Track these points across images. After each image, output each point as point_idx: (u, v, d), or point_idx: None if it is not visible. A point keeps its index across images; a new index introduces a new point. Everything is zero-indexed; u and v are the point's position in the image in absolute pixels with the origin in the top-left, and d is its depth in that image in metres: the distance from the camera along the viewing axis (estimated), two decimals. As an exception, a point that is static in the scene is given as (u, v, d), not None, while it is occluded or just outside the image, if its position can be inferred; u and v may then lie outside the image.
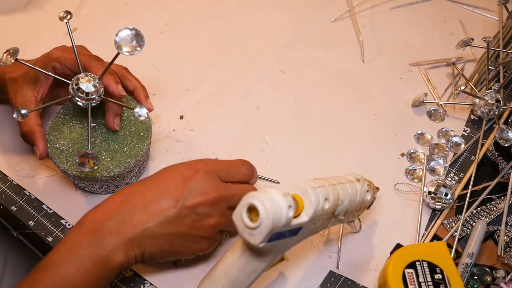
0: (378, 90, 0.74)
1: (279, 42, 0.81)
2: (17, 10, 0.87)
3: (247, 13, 0.86)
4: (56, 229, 0.60)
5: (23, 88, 0.58)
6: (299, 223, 0.42)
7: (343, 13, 0.85)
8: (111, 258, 0.45)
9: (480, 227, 0.57)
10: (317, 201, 0.43)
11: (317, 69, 0.77)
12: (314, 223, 0.44)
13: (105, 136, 0.59)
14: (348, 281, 0.55)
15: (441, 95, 0.74)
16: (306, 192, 0.43)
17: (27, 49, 0.58)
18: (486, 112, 0.67)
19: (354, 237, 0.58)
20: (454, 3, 0.87)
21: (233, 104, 0.72)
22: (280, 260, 0.48)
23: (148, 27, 0.82)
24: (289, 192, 0.40)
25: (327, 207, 0.44)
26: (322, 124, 0.70)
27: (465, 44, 0.69)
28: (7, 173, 0.65)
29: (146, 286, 0.56)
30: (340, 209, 0.47)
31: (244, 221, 0.39)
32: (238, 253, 0.44)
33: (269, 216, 0.38)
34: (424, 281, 0.49)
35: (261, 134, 0.69)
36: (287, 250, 0.46)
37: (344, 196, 0.47)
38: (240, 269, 0.45)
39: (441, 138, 0.68)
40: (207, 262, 0.57)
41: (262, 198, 0.38)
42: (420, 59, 0.78)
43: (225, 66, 0.77)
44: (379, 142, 0.68)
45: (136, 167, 0.60)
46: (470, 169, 0.64)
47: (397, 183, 0.63)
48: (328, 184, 0.46)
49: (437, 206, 0.60)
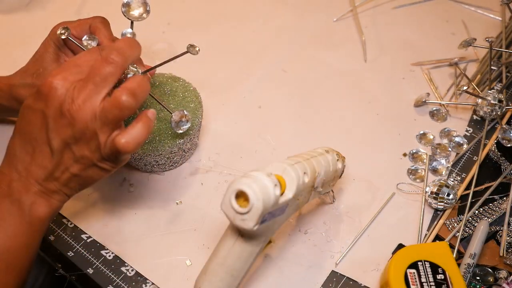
0: (380, 90, 0.74)
1: (281, 41, 0.81)
2: (19, 10, 0.87)
3: (249, 13, 0.86)
4: (57, 227, 0.60)
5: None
6: (285, 200, 0.43)
7: (345, 13, 0.85)
8: (34, 214, 0.46)
9: (482, 227, 0.57)
10: (298, 177, 0.44)
11: (319, 69, 0.77)
12: (298, 198, 0.46)
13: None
14: (350, 281, 0.55)
15: (443, 95, 0.73)
16: (286, 170, 0.44)
17: (29, 48, 0.58)
18: (489, 112, 0.66)
19: (357, 237, 0.58)
20: (457, 3, 0.87)
21: (235, 104, 0.72)
22: (268, 243, 0.49)
23: (150, 26, 0.82)
24: (272, 173, 0.42)
25: (307, 180, 0.46)
26: (324, 124, 0.70)
27: (468, 44, 0.69)
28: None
29: (148, 285, 0.56)
30: (318, 181, 0.49)
31: (234, 207, 0.40)
32: (231, 242, 0.45)
33: (258, 198, 0.39)
34: (426, 281, 0.49)
35: (263, 134, 0.69)
36: (277, 230, 0.48)
37: (319, 168, 0.49)
38: (235, 258, 0.45)
39: (443, 138, 0.68)
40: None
41: (249, 182, 0.39)
42: (422, 59, 0.78)
43: (227, 65, 0.77)
44: (381, 142, 0.68)
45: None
46: (472, 169, 0.64)
47: (399, 183, 0.63)
48: (303, 160, 0.47)
49: (439, 206, 0.60)
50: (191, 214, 0.61)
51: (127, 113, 0.44)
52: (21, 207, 0.46)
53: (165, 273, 0.56)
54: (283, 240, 0.58)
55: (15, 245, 0.46)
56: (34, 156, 0.46)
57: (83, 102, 0.43)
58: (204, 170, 0.65)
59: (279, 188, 0.41)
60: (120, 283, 0.56)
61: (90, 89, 0.44)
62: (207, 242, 0.58)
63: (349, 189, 0.63)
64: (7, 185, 0.46)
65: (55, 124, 0.44)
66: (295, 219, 0.60)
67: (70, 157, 0.45)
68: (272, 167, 0.45)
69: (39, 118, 0.45)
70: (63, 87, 0.44)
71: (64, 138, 0.44)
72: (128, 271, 0.57)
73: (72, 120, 0.44)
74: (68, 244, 0.59)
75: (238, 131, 0.69)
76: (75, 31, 0.56)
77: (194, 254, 0.57)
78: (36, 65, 0.58)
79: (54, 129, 0.44)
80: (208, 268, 0.47)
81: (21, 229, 0.46)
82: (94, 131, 0.44)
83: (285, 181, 0.44)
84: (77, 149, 0.45)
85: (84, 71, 0.45)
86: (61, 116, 0.44)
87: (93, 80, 0.44)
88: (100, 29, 0.55)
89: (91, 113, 0.44)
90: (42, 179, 0.46)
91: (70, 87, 0.44)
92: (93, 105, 0.44)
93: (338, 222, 0.60)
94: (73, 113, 0.43)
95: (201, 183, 0.64)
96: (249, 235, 0.44)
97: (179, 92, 0.63)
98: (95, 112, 0.44)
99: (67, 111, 0.43)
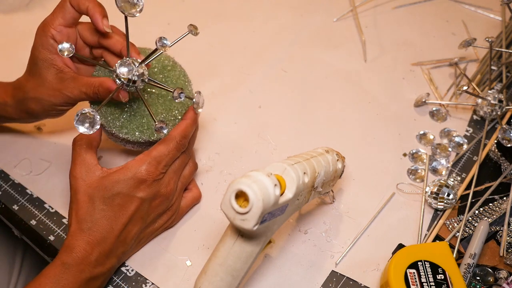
0: (380, 90, 0.74)
1: (282, 41, 0.81)
2: (19, 9, 0.87)
3: (249, 13, 0.86)
4: (57, 228, 0.60)
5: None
6: (285, 200, 0.43)
7: (346, 13, 0.85)
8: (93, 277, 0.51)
9: (483, 227, 0.57)
10: (298, 177, 0.45)
11: (319, 69, 0.77)
12: (298, 198, 0.46)
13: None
14: (350, 281, 0.55)
15: (443, 95, 0.73)
16: (286, 170, 0.44)
17: (29, 48, 0.57)
18: (489, 112, 0.66)
19: (357, 237, 0.58)
20: (457, 3, 0.87)
21: (235, 104, 0.72)
22: (268, 243, 0.48)
23: (150, 26, 0.82)
24: (272, 173, 0.41)
25: (307, 180, 0.46)
26: (324, 124, 0.70)
27: (468, 44, 0.69)
28: (9, 172, 0.65)
29: (148, 285, 0.56)
30: (318, 181, 0.49)
31: (234, 208, 0.40)
32: (231, 242, 0.45)
33: (259, 198, 0.39)
34: (426, 281, 0.49)
35: (263, 134, 0.69)
36: (277, 230, 0.48)
37: (319, 168, 0.49)
38: (235, 258, 0.45)
39: (443, 138, 0.68)
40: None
41: (248, 182, 0.39)
42: (422, 59, 0.78)
43: (227, 66, 0.77)
44: (381, 142, 0.68)
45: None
46: (472, 169, 0.64)
47: (399, 183, 0.63)
48: (303, 160, 0.47)
49: (439, 206, 0.60)
50: (191, 214, 0.61)
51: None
52: (89, 274, 0.51)
53: (165, 273, 0.56)
54: (283, 240, 0.58)
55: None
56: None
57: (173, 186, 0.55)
58: (204, 170, 0.65)
59: (279, 188, 0.41)
60: (120, 283, 0.56)
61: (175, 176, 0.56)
62: (207, 242, 0.58)
63: (349, 189, 0.63)
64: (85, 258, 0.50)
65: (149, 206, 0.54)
66: (295, 219, 0.60)
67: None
68: (272, 167, 0.45)
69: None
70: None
71: (159, 212, 0.56)
72: (128, 271, 0.57)
73: (165, 198, 0.55)
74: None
75: (238, 131, 0.69)
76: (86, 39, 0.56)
77: (194, 254, 0.57)
78: (35, 78, 0.56)
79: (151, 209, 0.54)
80: (208, 268, 0.47)
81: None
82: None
83: (285, 181, 0.44)
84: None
85: (168, 163, 0.53)
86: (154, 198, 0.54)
87: (175, 171, 0.55)
88: (127, 47, 0.53)
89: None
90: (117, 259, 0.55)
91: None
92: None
93: (338, 222, 0.60)
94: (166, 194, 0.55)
95: (201, 183, 0.64)
96: (249, 235, 0.44)
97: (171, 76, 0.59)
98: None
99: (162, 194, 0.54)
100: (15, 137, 0.68)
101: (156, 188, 0.53)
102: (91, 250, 0.50)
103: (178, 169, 0.56)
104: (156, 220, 0.56)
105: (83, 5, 0.52)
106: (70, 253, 0.49)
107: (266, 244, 0.48)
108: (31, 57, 0.55)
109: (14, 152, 0.67)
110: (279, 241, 0.58)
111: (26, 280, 0.74)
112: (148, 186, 0.52)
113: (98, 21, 0.52)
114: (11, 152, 0.67)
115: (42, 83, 0.55)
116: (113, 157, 0.66)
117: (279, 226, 0.48)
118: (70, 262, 0.49)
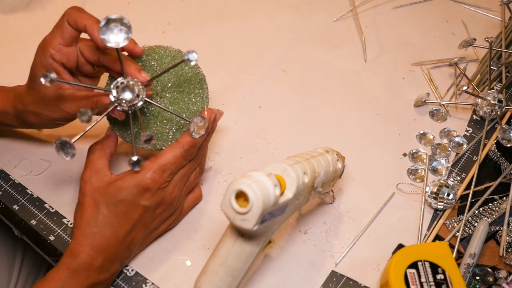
0: (380, 90, 0.74)
1: (281, 41, 0.81)
2: (19, 9, 0.87)
3: (249, 13, 0.86)
4: (58, 228, 0.60)
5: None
6: (285, 200, 0.43)
7: (345, 13, 0.85)
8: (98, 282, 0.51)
9: (482, 227, 0.57)
10: (298, 177, 0.45)
11: (319, 69, 0.77)
12: (298, 198, 0.46)
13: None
14: (350, 281, 0.55)
15: (443, 95, 0.73)
16: (286, 170, 0.44)
17: (29, 48, 0.58)
18: (489, 112, 0.66)
19: (357, 237, 0.58)
20: (457, 3, 0.87)
21: (235, 104, 0.72)
22: (268, 243, 0.49)
23: (150, 26, 0.82)
24: (272, 173, 0.42)
25: (306, 181, 0.46)
26: (324, 124, 0.70)
27: (468, 44, 0.69)
28: (9, 172, 0.65)
29: (148, 285, 0.56)
30: (318, 181, 0.49)
31: (234, 208, 0.40)
32: (231, 242, 0.45)
33: (258, 198, 0.39)
34: (426, 281, 0.49)
35: (263, 134, 0.69)
36: (277, 230, 0.48)
37: (319, 168, 0.49)
38: (235, 258, 0.45)
39: (443, 138, 0.68)
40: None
41: (248, 182, 0.39)
42: (422, 59, 0.78)
43: (227, 65, 0.77)
44: (381, 142, 0.68)
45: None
46: (472, 169, 0.64)
47: (399, 183, 0.63)
48: (303, 160, 0.47)
49: (439, 206, 0.60)
50: (191, 214, 0.61)
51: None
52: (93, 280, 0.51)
53: (165, 273, 0.56)
54: (283, 240, 0.58)
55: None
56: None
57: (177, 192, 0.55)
58: (204, 170, 0.65)
59: (279, 188, 0.41)
60: (120, 283, 0.56)
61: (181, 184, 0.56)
62: (207, 242, 0.58)
63: (349, 189, 0.63)
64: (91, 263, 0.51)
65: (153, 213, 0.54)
66: (295, 219, 0.60)
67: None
68: (272, 167, 0.45)
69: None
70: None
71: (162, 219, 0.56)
72: (128, 271, 0.57)
73: (169, 205, 0.55)
74: (69, 244, 0.59)
75: (238, 131, 0.69)
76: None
77: (194, 254, 0.57)
78: (34, 93, 0.56)
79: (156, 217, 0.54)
80: (208, 268, 0.47)
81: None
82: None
83: (285, 181, 0.44)
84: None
85: (173, 171, 0.53)
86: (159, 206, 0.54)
87: (181, 178, 0.55)
88: (130, 65, 0.52)
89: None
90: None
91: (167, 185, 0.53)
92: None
93: (338, 222, 0.60)
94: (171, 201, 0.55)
95: (201, 183, 0.64)
96: (249, 235, 0.44)
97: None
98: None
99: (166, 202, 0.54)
100: (16, 137, 0.68)
101: (160, 196, 0.52)
102: (96, 256, 0.50)
103: (184, 176, 0.55)
104: (160, 226, 0.56)
105: (81, 23, 0.52)
106: (75, 258, 0.49)
107: (266, 244, 0.48)
108: (31, 74, 0.55)
109: (14, 152, 0.67)
110: (279, 241, 0.58)
111: (26, 280, 0.74)
112: (152, 195, 0.51)
113: (97, 38, 0.51)
114: (11, 152, 0.67)
115: (41, 99, 0.55)
116: (117, 158, 0.66)
117: (279, 226, 0.48)
118: (75, 268, 0.49)
